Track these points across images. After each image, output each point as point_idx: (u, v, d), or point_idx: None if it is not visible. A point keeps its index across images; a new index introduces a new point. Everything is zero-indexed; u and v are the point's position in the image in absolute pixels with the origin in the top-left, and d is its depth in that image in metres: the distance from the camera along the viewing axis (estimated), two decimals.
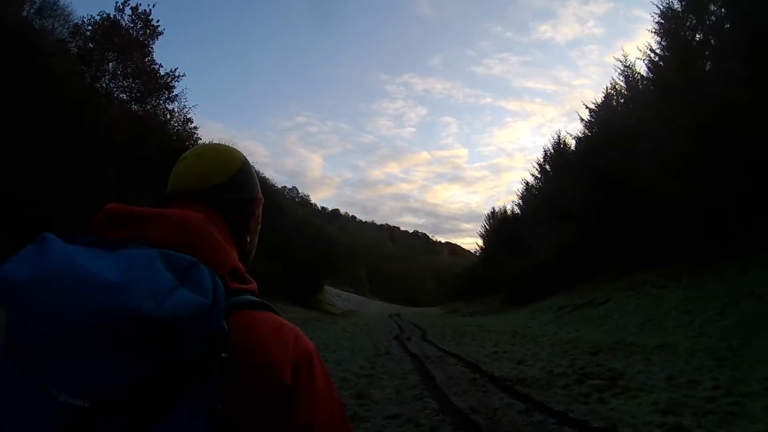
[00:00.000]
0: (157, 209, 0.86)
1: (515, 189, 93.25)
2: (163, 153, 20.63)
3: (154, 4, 25.31)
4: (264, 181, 49.41)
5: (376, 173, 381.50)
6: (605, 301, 17.16)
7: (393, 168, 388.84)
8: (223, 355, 0.70)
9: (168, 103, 26.71)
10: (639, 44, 42.62)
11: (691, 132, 16.89)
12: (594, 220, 23.61)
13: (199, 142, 30.18)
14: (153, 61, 25.88)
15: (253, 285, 0.90)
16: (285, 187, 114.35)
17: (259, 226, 1.11)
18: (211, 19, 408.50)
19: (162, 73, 26.12)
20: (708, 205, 16.44)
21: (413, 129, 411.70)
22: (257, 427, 0.76)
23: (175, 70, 26.44)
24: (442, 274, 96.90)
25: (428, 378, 8.87)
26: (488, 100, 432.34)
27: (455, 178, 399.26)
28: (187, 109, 27.43)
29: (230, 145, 1.12)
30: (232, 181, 1.01)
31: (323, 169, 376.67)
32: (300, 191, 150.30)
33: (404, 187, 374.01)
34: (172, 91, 26.53)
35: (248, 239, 1.05)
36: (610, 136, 23.82)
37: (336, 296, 68.94)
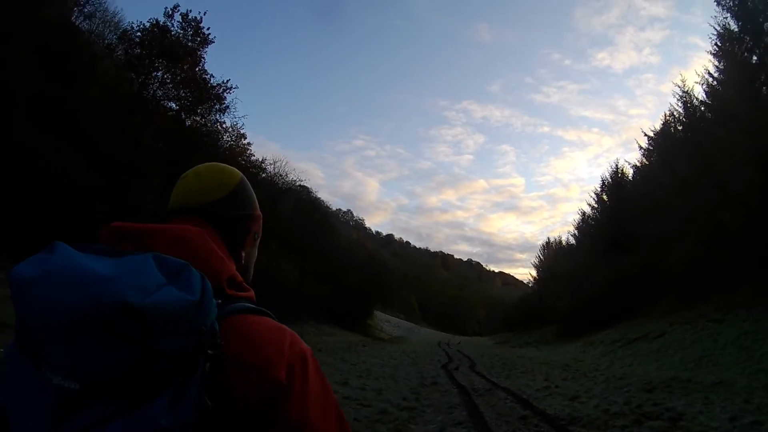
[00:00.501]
0: (157, 225, 0.93)
1: (571, 220, 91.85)
2: None
3: (205, 12, 25.01)
4: (318, 203, 49.93)
5: (432, 200, 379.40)
6: (660, 335, 16.51)
7: (449, 195, 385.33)
8: (209, 351, 0.74)
9: (219, 115, 26.46)
10: (696, 70, 41.45)
11: (752, 159, 16.26)
12: (650, 251, 22.86)
13: (252, 159, 30.21)
14: (204, 71, 25.41)
15: (251, 293, 0.95)
16: (339, 209, 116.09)
17: (257, 242, 1.17)
18: (274, 43, 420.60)
19: (213, 84, 25.60)
20: None
21: (471, 156, 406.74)
22: (251, 426, 0.79)
23: (227, 81, 25.95)
24: (494, 303, 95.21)
25: (476, 414, 8.56)
26: (546, 129, 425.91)
27: (511, 208, 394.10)
28: (240, 124, 27.33)
29: (229, 166, 1.18)
30: (229, 197, 1.08)
31: (379, 193, 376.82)
32: (355, 215, 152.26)
33: (460, 214, 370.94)
34: (223, 103, 26.08)
35: (244, 254, 1.10)
36: (669, 165, 23.18)
37: (385, 321, 68.61)
